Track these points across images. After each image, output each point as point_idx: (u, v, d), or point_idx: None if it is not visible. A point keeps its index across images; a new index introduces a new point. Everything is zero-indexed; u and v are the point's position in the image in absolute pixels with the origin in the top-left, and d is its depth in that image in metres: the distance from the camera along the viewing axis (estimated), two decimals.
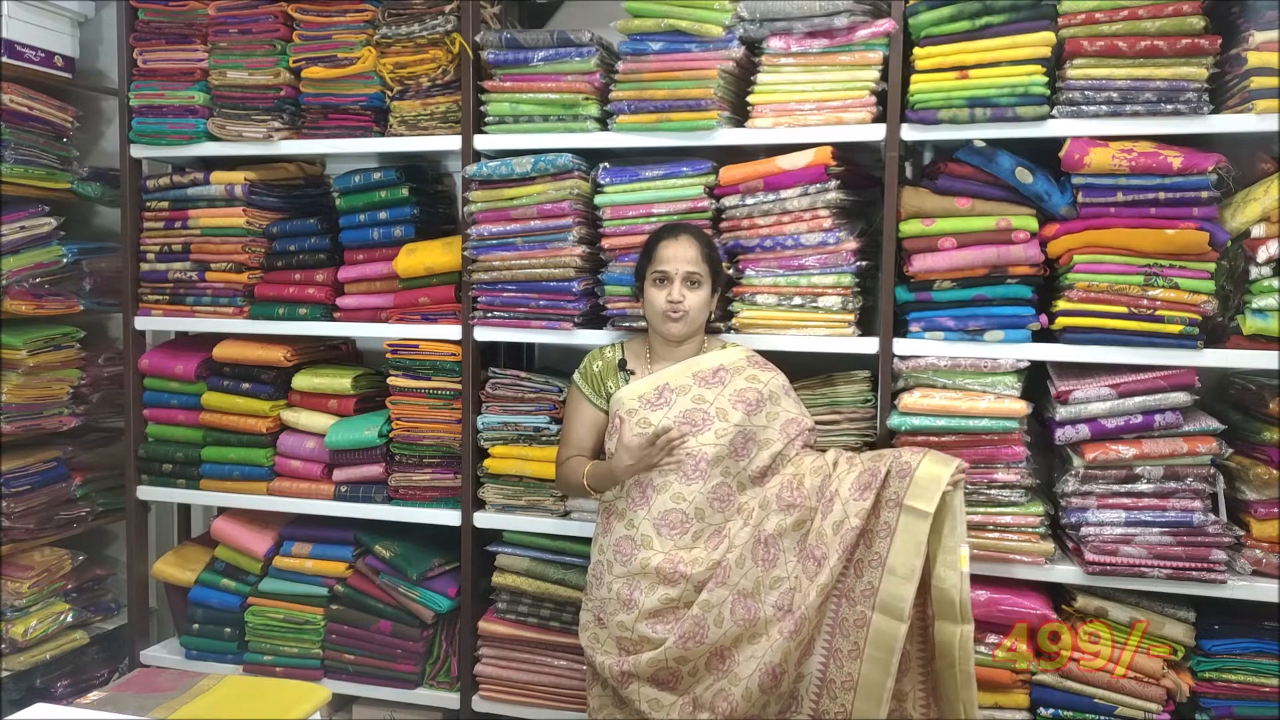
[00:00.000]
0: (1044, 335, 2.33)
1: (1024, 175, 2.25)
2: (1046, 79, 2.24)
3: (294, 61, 2.77)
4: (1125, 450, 2.22)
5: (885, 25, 2.32)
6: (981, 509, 2.32)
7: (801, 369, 2.46)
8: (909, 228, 2.34)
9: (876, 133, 2.36)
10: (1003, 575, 2.33)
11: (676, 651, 2.12)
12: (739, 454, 2.21)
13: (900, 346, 2.38)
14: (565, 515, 2.64)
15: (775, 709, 2.13)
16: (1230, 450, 2.24)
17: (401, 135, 2.72)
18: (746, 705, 2.10)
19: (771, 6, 2.37)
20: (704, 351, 2.33)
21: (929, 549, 2.03)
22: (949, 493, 2.03)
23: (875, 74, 2.35)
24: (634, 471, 2.17)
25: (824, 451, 2.26)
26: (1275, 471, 2.20)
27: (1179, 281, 2.18)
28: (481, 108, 2.64)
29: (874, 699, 2.01)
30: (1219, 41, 2.15)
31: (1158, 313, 2.20)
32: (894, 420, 2.34)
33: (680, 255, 2.23)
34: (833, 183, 2.37)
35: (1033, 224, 2.28)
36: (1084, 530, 2.27)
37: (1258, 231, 2.18)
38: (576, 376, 2.36)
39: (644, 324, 2.45)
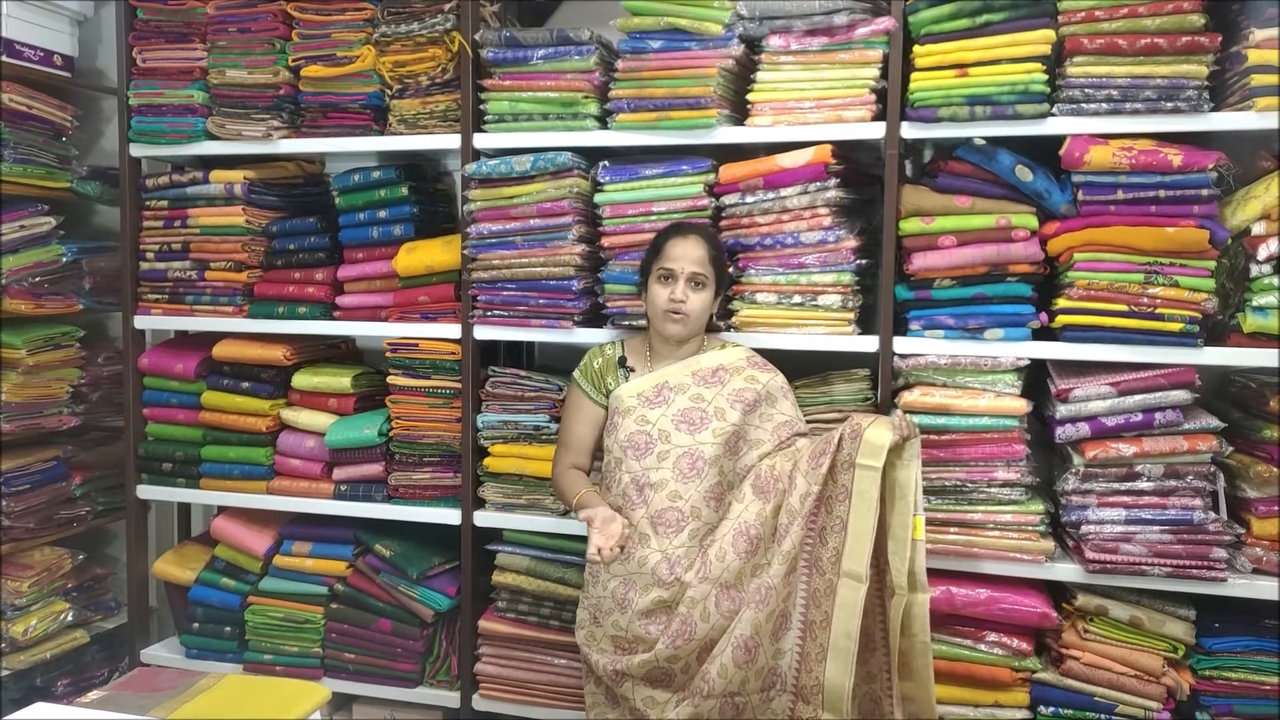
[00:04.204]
0: (1044, 333, 2.32)
1: (1024, 173, 2.25)
2: (1046, 77, 2.23)
3: (293, 60, 2.77)
4: (1125, 448, 2.22)
5: (885, 23, 2.32)
6: (982, 507, 2.32)
7: (801, 367, 2.46)
8: (909, 226, 2.34)
9: (876, 131, 2.36)
10: (1003, 574, 2.33)
11: (667, 652, 2.12)
12: (733, 452, 2.21)
13: (900, 345, 2.37)
14: (565, 514, 2.64)
15: (756, 685, 2.12)
16: (1230, 448, 2.23)
17: (401, 134, 2.72)
18: (723, 683, 2.09)
19: (771, 5, 2.37)
20: (704, 351, 2.33)
21: (887, 518, 2.03)
22: (899, 456, 2.02)
23: (875, 72, 2.35)
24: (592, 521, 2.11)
25: None
26: (1275, 469, 2.20)
27: (1179, 279, 2.18)
28: (481, 106, 2.63)
29: (840, 666, 1.99)
30: (1219, 39, 2.15)
31: (1158, 311, 2.20)
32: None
33: (688, 254, 2.23)
34: (832, 181, 2.37)
35: (1033, 222, 2.27)
36: (1084, 528, 2.26)
37: (1258, 229, 2.18)
38: (577, 374, 2.36)
39: (644, 323, 2.45)
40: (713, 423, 2.19)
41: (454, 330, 2.69)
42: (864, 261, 2.44)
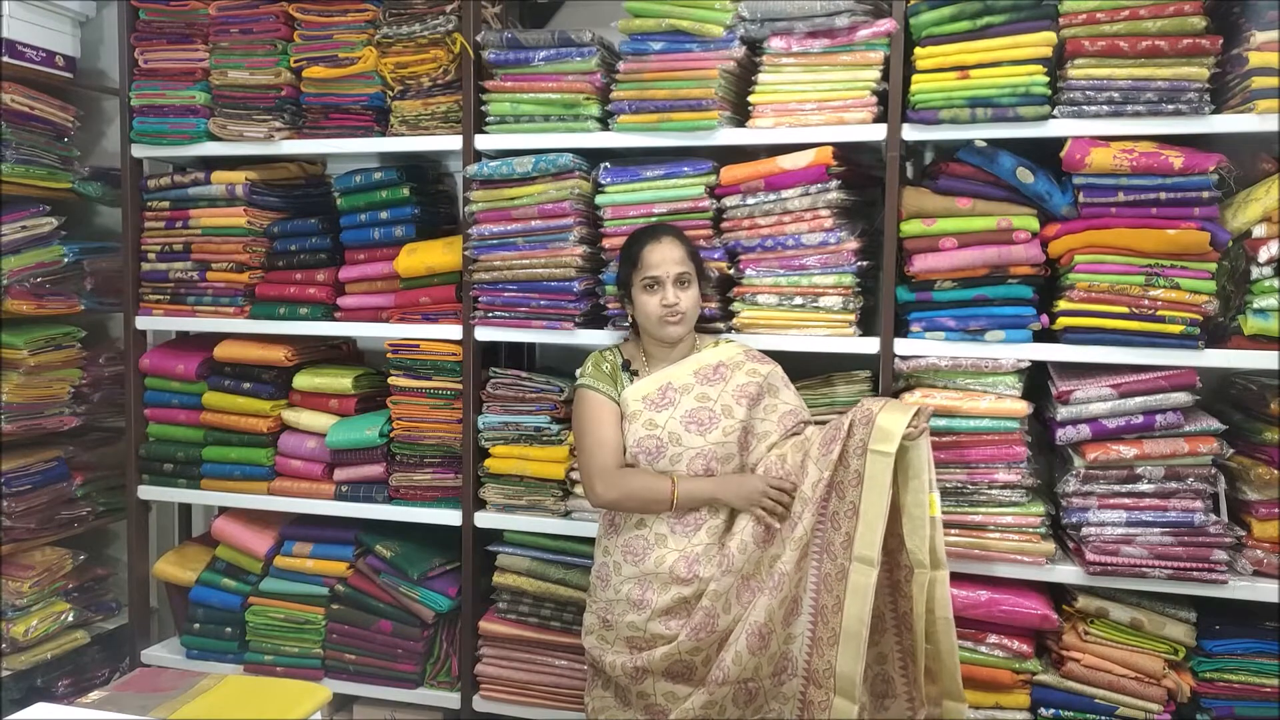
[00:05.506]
0: (1045, 335, 2.32)
1: (1025, 175, 2.25)
2: (1048, 79, 2.24)
3: (295, 61, 2.77)
4: (1126, 450, 2.22)
5: (886, 25, 2.32)
6: (983, 509, 2.32)
7: (802, 369, 2.46)
8: (910, 228, 2.34)
9: (878, 133, 2.36)
10: (1004, 575, 2.33)
11: (690, 644, 2.13)
12: (743, 448, 2.22)
13: (901, 346, 2.38)
14: (566, 515, 2.64)
15: (768, 670, 2.13)
16: (1231, 450, 2.24)
17: (402, 135, 2.72)
18: (738, 669, 2.10)
19: (772, 6, 2.37)
20: (697, 349, 2.33)
21: (900, 499, 2.04)
22: (911, 437, 2.03)
23: (876, 74, 2.35)
24: (742, 501, 2.15)
25: None
26: (1276, 472, 2.19)
27: (1180, 282, 2.18)
28: (482, 107, 2.64)
29: (853, 650, 2.00)
30: (1220, 41, 2.15)
31: (1159, 313, 2.20)
32: None
33: (668, 257, 2.23)
34: (834, 183, 2.37)
35: (1034, 224, 2.28)
36: (1085, 530, 2.26)
37: (1259, 232, 2.18)
38: (586, 379, 2.31)
39: None
40: (722, 421, 2.20)
41: (455, 331, 2.69)
42: (865, 263, 2.44)
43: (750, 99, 2.45)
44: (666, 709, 2.16)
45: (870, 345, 2.40)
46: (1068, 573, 2.30)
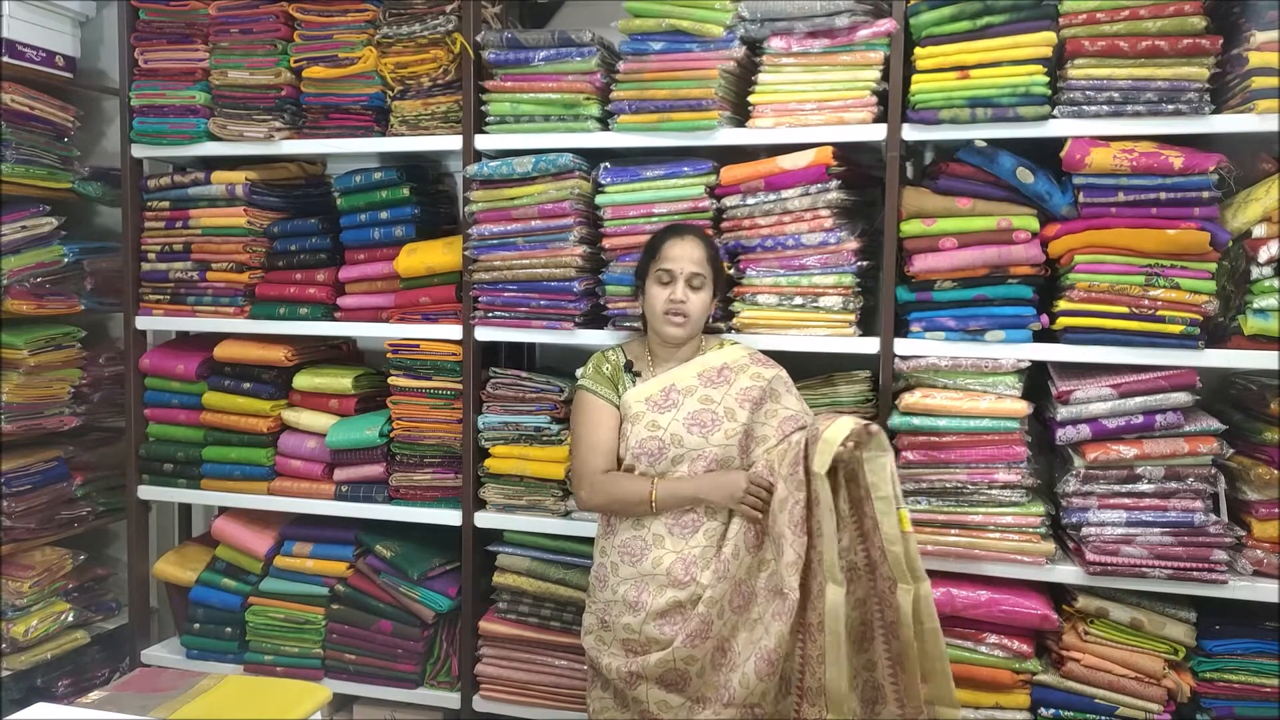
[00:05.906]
0: (1045, 335, 2.33)
1: (1025, 175, 2.25)
2: (1048, 79, 2.24)
3: (295, 61, 2.77)
4: (1126, 450, 2.22)
5: (886, 25, 2.32)
6: (983, 509, 2.32)
7: (802, 369, 2.46)
8: (910, 228, 2.34)
9: (878, 133, 2.36)
10: (1004, 575, 2.33)
11: (685, 651, 2.12)
12: (744, 452, 2.22)
13: (901, 346, 2.38)
14: (566, 515, 2.64)
15: (772, 694, 2.13)
16: (1231, 450, 2.24)
17: (402, 135, 2.72)
18: (744, 693, 2.09)
19: (772, 6, 2.37)
20: (703, 350, 2.33)
21: (875, 514, 2.03)
22: (842, 457, 2.02)
23: (876, 74, 2.35)
24: (725, 498, 2.15)
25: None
26: (1276, 472, 2.20)
27: (1180, 282, 2.18)
28: (482, 107, 2.64)
29: (835, 663, 2.01)
30: (1220, 41, 2.15)
31: (1159, 313, 2.20)
32: (895, 420, 2.34)
33: (686, 255, 2.22)
34: (834, 183, 2.37)
35: (1034, 224, 2.28)
36: (1085, 530, 2.27)
37: (1259, 232, 2.18)
38: (586, 380, 2.31)
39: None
40: (724, 424, 2.19)
41: (455, 331, 2.69)
42: (865, 263, 2.44)
43: (750, 99, 2.45)
44: (659, 716, 2.16)
45: (870, 345, 2.41)
46: (1068, 573, 2.30)
